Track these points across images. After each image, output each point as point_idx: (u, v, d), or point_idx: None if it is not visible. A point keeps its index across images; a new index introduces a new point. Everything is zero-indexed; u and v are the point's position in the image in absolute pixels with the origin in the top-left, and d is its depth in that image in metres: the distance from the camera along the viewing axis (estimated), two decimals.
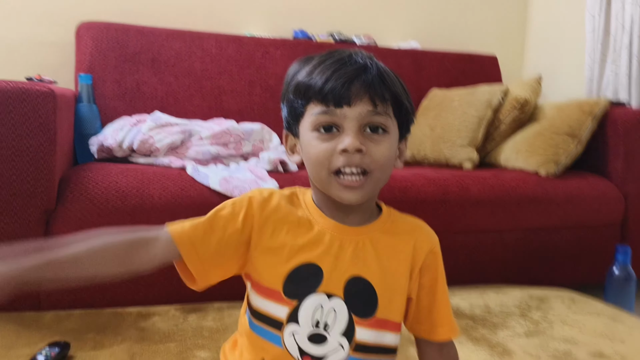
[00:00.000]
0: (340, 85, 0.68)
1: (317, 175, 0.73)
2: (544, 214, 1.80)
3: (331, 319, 0.72)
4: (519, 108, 2.02)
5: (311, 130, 0.72)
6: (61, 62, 2.04)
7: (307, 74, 0.72)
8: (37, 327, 1.28)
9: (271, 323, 0.73)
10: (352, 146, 0.68)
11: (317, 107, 0.71)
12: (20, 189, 1.31)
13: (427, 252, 0.81)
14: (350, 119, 0.69)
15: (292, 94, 0.73)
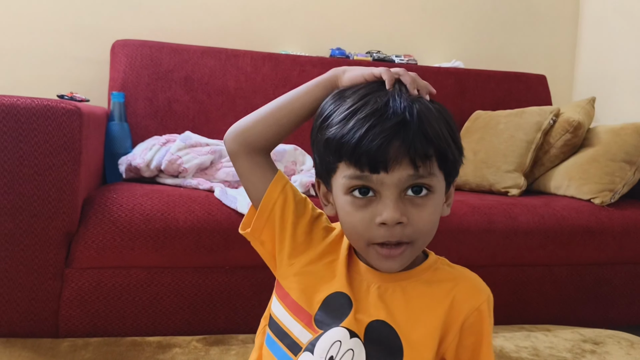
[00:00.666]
0: (376, 148, 0.59)
1: (355, 243, 0.67)
2: (599, 246, 1.65)
3: (347, 359, 0.65)
4: (571, 131, 1.88)
5: (344, 193, 0.64)
6: (96, 79, 2.03)
7: (338, 126, 0.62)
8: (52, 355, 1.22)
9: (290, 345, 0.68)
10: (392, 220, 0.61)
11: (349, 170, 0.62)
12: (41, 210, 1.26)
13: (471, 308, 0.69)
14: (388, 186, 0.61)
15: (322, 147, 0.65)
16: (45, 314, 1.31)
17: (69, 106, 1.27)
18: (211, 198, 1.44)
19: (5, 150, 1.22)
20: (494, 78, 2.32)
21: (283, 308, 0.70)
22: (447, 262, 0.74)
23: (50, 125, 1.25)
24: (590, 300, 1.68)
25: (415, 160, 0.60)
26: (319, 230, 0.74)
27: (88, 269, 1.32)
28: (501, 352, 1.37)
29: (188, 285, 1.39)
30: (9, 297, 1.27)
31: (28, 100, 1.25)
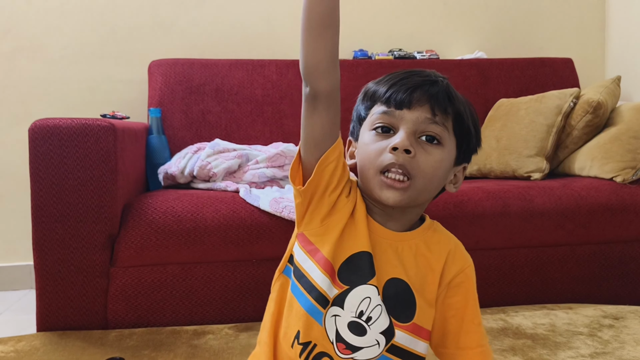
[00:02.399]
0: (404, 90, 0.71)
1: (366, 173, 0.74)
2: (621, 224, 1.65)
3: (376, 314, 0.72)
4: (591, 112, 1.88)
5: (369, 129, 0.74)
6: (137, 98, 2.21)
7: (376, 83, 0.77)
8: (101, 344, 1.38)
9: (318, 298, 0.72)
10: (402, 144, 0.69)
11: (379, 108, 0.74)
12: (86, 216, 1.43)
13: (458, 270, 0.80)
14: (406, 121, 0.71)
15: (360, 100, 0.78)
16: (95, 309, 1.47)
17: (104, 123, 1.44)
18: (236, 198, 1.57)
19: (52, 166, 1.40)
20: (518, 65, 2.34)
21: (312, 263, 0.73)
22: (440, 227, 0.82)
23: (89, 142, 1.42)
24: (616, 278, 1.68)
25: (434, 108, 0.71)
26: (345, 198, 0.77)
27: (130, 267, 1.48)
28: (517, 329, 1.42)
29: (219, 278, 1.52)
30: (63, 295, 1.44)
31: (69, 120, 1.42)
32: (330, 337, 0.72)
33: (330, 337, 0.72)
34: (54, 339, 1.39)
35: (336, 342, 0.72)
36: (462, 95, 0.77)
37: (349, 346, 0.71)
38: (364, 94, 0.78)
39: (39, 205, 1.41)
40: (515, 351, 1.28)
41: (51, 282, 1.43)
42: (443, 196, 1.61)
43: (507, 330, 1.41)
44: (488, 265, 1.63)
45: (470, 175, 2.08)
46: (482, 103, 2.25)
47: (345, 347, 0.71)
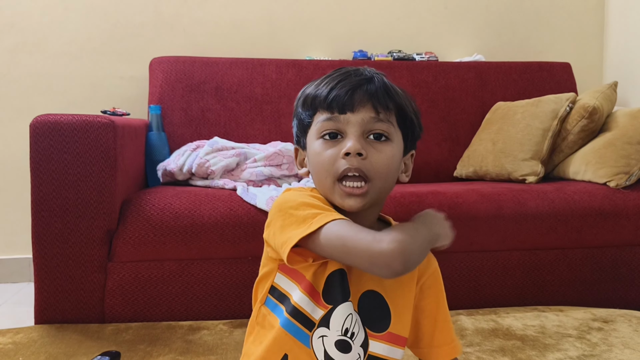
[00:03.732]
0: (344, 93, 0.72)
1: (323, 182, 0.74)
2: (613, 229, 1.67)
3: (357, 328, 0.74)
4: (587, 117, 1.90)
5: (317, 138, 0.75)
6: (137, 95, 2.23)
7: (314, 87, 0.77)
8: (98, 337, 1.40)
9: (303, 321, 0.73)
10: (354, 148, 0.71)
11: (322, 115, 0.74)
12: (85, 212, 1.45)
13: (430, 271, 0.82)
14: (352, 124, 0.72)
15: (300, 107, 0.78)
16: (92, 303, 1.49)
17: (104, 120, 1.46)
18: (234, 196, 1.59)
19: (52, 161, 1.42)
20: (516, 69, 2.36)
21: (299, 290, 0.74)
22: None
23: (89, 138, 1.44)
24: (608, 282, 1.70)
25: (377, 107, 0.73)
26: None
27: (127, 263, 1.50)
28: (508, 330, 1.44)
29: (215, 275, 1.54)
30: (61, 288, 1.46)
31: (70, 117, 1.44)
32: (318, 358, 0.73)
33: (319, 357, 0.73)
34: (51, 331, 1.42)
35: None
36: (399, 87, 0.79)
37: None
38: (303, 101, 0.78)
39: (39, 200, 1.43)
40: (505, 352, 1.30)
41: (49, 275, 1.45)
42: (438, 198, 1.64)
43: (498, 331, 1.43)
44: (481, 267, 1.65)
45: (465, 177, 2.11)
46: (479, 106, 2.28)
47: None
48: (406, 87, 2.24)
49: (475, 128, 2.22)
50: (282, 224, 0.71)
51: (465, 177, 2.12)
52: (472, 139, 2.19)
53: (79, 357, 1.28)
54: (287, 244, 0.69)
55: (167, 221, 1.49)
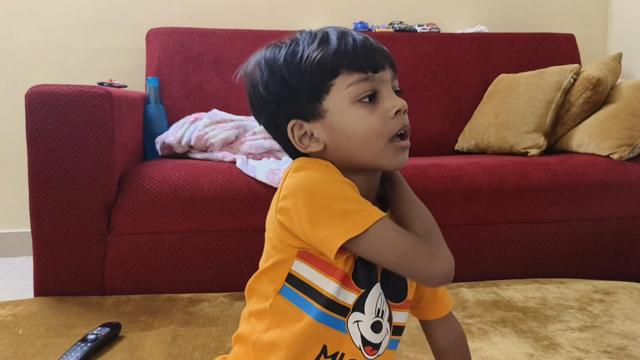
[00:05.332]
0: (371, 51, 0.68)
1: (371, 148, 0.68)
2: (616, 201, 1.66)
3: (385, 306, 0.72)
4: (591, 88, 1.87)
5: (351, 103, 0.68)
6: (135, 67, 2.20)
7: (321, 47, 0.68)
8: (98, 309, 1.40)
9: (336, 308, 0.68)
10: (404, 105, 0.69)
11: (352, 77, 0.67)
12: (83, 184, 1.43)
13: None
14: (386, 82, 0.70)
15: (309, 72, 0.68)
16: (93, 275, 1.49)
17: (100, 91, 1.43)
18: (233, 169, 1.57)
19: (49, 133, 1.40)
20: (519, 40, 2.32)
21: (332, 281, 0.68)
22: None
23: (85, 109, 1.41)
24: (609, 254, 1.70)
25: (392, 64, 0.71)
26: None
27: (127, 235, 1.49)
28: (509, 302, 1.43)
29: (215, 248, 1.53)
30: (61, 261, 1.46)
31: (65, 87, 1.42)
32: (356, 344, 0.69)
33: (357, 343, 0.69)
34: (51, 303, 1.41)
35: (363, 346, 0.70)
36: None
37: (374, 346, 0.70)
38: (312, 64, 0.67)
39: (36, 172, 1.41)
40: (506, 323, 1.30)
41: (48, 248, 1.44)
42: (439, 170, 1.63)
43: (499, 303, 1.43)
44: (482, 240, 1.64)
45: (467, 151, 2.09)
46: (482, 78, 2.25)
47: (372, 348, 0.70)
48: (407, 60, 2.23)
49: (478, 101, 2.19)
50: (313, 215, 0.64)
51: (466, 150, 2.10)
52: (474, 112, 2.17)
53: (80, 328, 1.28)
54: (332, 244, 0.63)
55: (166, 194, 1.48)
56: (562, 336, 1.22)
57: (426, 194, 1.58)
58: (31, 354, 1.14)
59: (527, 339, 1.21)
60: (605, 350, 1.15)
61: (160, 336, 1.23)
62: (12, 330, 1.26)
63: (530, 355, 1.13)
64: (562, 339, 1.21)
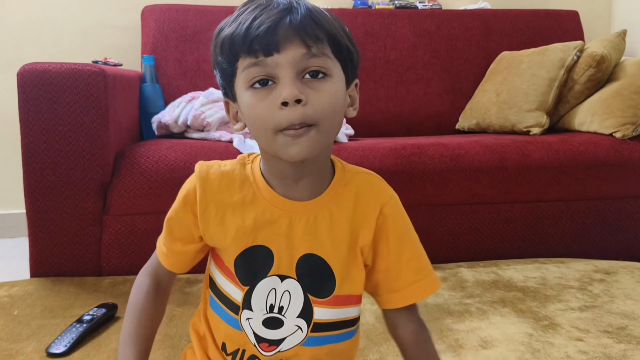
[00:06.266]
0: (264, 31, 0.60)
1: (263, 137, 0.64)
2: (618, 180, 1.64)
3: (286, 301, 0.68)
4: (594, 66, 1.84)
5: (246, 88, 0.63)
6: (130, 45, 2.16)
7: (229, 28, 0.64)
8: (94, 290, 1.39)
9: (230, 306, 0.69)
10: (291, 95, 0.60)
11: (246, 61, 0.62)
12: (78, 163, 1.41)
13: (377, 215, 0.70)
14: (283, 67, 0.61)
15: (219, 54, 0.65)
16: (89, 256, 1.48)
17: (93, 69, 1.41)
18: (230, 148, 1.55)
19: (42, 112, 1.38)
20: (522, 17, 2.27)
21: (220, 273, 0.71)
22: (352, 171, 0.73)
23: (79, 87, 1.39)
24: (610, 234, 1.68)
25: (306, 40, 0.61)
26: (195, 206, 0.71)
27: (123, 216, 1.48)
28: (509, 282, 1.42)
29: None
30: (57, 242, 1.44)
31: (58, 65, 1.39)
32: (251, 340, 0.69)
33: (252, 340, 0.69)
34: (47, 284, 1.40)
35: (258, 343, 0.69)
36: (326, 11, 0.67)
37: (271, 342, 0.69)
38: (220, 47, 0.65)
39: (30, 152, 1.39)
40: (505, 303, 1.29)
41: (44, 229, 1.43)
42: (439, 150, 1.60)
43: (498, 283, 1.42)
44: (482, 220, 1.62)
45: (468, 130, 2.06)
46: (484, 56, 2.21)
47: (268, 344, 0.69)
48: (407, 37, 2.19)
49: (479, 79, 2.16)
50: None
51: (467, 129, 2.08)
52: (475, 90, 2.14)
53: (76, 309, 1.27)
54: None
55: (162, 174, 1.46)
56: (561, 316, 1.21)
57: (426, 173, 1.56)
58: (26, 334, 1.14)
59: (526, 318, 1.20)
60: (605, 330, 1.14)
61: None
62: (7, 311, 1.25)
63: (529, 335, 1.12)
64: (561, 318, 1.20)
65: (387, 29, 2.18)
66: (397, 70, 2.15)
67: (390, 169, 1.53)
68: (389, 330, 0.75)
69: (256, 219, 0.68)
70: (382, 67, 2.14)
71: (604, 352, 1.05)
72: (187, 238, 0.72)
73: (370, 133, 1.99)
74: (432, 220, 1.60)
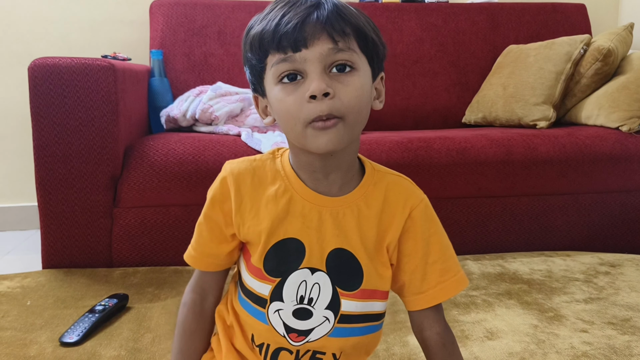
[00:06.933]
0: (292, 28, 0.62)
1: (292, 130, 0.66)
2: (624, 173, 1.65)
3: (315, 293, 0.70)
4: (601, 59, 1.84)
5: (275, 83, 0.66)
6: (139, 39, 2.18)
7: (258, 26, 0.66)
8: (106, 281, 1.41)
9: (256, 300, 0.71)
10: (319, 89, 0.62)
11: (275, 57, 0.65)
12: (88, 157, 1.43)
13: (406, 217, 0.72)
14: (311, 62, 0.63)
15: (248, 52, 0.68)
16: (100, 248, 1.50)
17: (103, 63, 1.42)
18: (238, 142, 1.56)
19: (53, 106, 1.40)
20: (529, 10, 2.27)
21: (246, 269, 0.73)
22: (382, 172, 0.74)
23: (89, 82, 1.40)
24: (616, 227, 1.69)
25: (332, 35, 0.63)
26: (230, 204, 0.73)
27: (133, 208, 1.50)
28: (514, 275, 1.43)
29: None
30: (68, 234, 1.47)
31: (68, 60, 1.41)
32: (280, 332, 0.71)
33: (280, 331, 0.71)
34: (59, 275, 1.43)
35: (287, 333, 0.71)
36: (352, 6, 0.68)
37: (300, 333, 0.70)
38: (250, 44, 0.68)
39: (41, 145, 1.41)
40: (511, 295, 1.30)
41: (55, 221, 1.45)
42: (445, 143, 1.62)
43: (504, 276, 1.43)
44: (488, 213, 1.63)
45: (474, 123, 2.07)
46: (490, 50, 2.21)
47: (297, 334, 0.71)
48: (414, 31, 2.20)
49: (486, 73, 2.16)
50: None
51: (474, 123, 2.08)
52: (482, 84, 2.14)
53: (88, 300, 1.29)
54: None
55: (171, 167, 1.48)
56: (567, 308, 1.23)
57: (432, 166, 1.57)
58: (40, 324, 1.16)
59: (531, 310, 1.22)
60: (609, 322, 1.15)
61: (167, 307, 1.25)
62: (20, 301, 1.28)
63: (534, 327, 1.13)
64: (567, 310, 1.21)
65: (393, 22, 2.19)
66: (404, 64, 2.16)
67: (396, 162, 1.55)
68: (415, 332, 0.76)
69: (288, 211, 0.70)
70: (388, 61, 2.14)
71: (608, 344, 1.06)
72: (219, 238, 0.74)
73: (376, 126, 2.00)
74: (439, 213, 1.58)
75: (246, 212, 0.71)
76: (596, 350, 1.03)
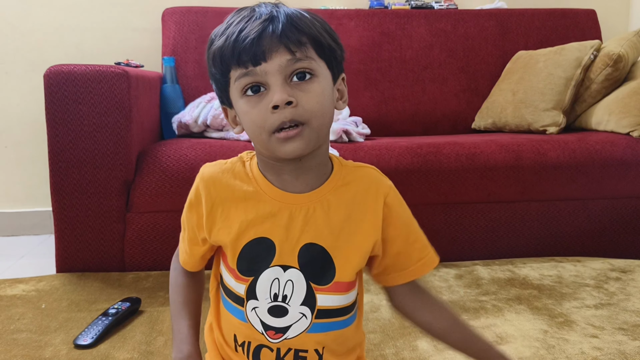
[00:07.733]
0: (250, 43, 0.64)
1: (259, 139, 0.69)
2: (635, 179, 1.64)
3: (289, 290, 0.72)
4: (612, 65, 1.84)
5: (240, 96, 0.68)
6: (151, 47, 2.20)
7: (218, 41, 0.68)
8: (118, 285, 1.43)
9: (235, 299, 0.73)
10: (280, 100, 0.64)
11: (237, 72, 0.67)
12: (102, 162, 1.46)
13: (382, 206, 0.75)
14: (272, 74, 0.65)
15: (212, 66, 0.71)
16: (113, 252, 1.52)
17: (117, 70, 1.45)
18: (248, 147, 1.57)
19: (67, 112, 1.42)
20: (539, 16, 2.28)
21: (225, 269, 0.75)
22: (350, 166, 0.76)
23: (103, 88, 1.43)
24: (627, 233, 1.68)
25: (289, 46, 0.65)
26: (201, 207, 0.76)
27: (145, 213, 1.52)
28: (524, 280, 1.44)
29: None
30: (82, 238, 1.49)
31: (83, 67, 1.43)
32: (258, 329, 0.72)
33: (258, 329, 0.72)
34: (73, 279, 1.45)
35: (265, 331, 0.72)
36: (304, 12, 0.70)
37: (277, 330, 0.72)
38: (212, 60, 0.70)
39: (56, 151, 1.44)
40: (521, 300, 1.30)
41: (69, 225, 1.48)
42: (455, 148, 1.62)
43: (514, 281, 1.43)
44: (498, 218, 1.64)
45: (484, 129, 2.07)
46: (500, 55, 2.21)
47: (275, 332, 0.72)
48: (424, 37, 2.21)
49: (495, 79, 2.17)
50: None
51: (483, 129, 2.09)
52: (491, 89, 2.15)
53: (101, 303, 1.31)
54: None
55: (183, 172, 1.50)
56: (577, 313, 1.22)
57: (442, 172, 1.58)
58: (54, 327, 1.18)
59: (541, 315, 1.22)
60: (620, 328, 1.15)
61: None
62: (35, 305, 1.30)
63: (544, 332, 1.13)
64: (577, 316, 1.21)
65: (403, 28, 2.20)
66: (413, 70, 2.17)
67: (406, 168, 1.56)
68: (395, 306, 0.80)
69: (258, 212, 0.72)
70: (398, 67, 2.16)
71: (619, 349, 1.06)
72: (193, 240, 0.78)
73: (386, 132, 2.01)
74: (448, 218, 1.62)
75: (217, 215, 0.73)
76: (606, 356, 1.03)
